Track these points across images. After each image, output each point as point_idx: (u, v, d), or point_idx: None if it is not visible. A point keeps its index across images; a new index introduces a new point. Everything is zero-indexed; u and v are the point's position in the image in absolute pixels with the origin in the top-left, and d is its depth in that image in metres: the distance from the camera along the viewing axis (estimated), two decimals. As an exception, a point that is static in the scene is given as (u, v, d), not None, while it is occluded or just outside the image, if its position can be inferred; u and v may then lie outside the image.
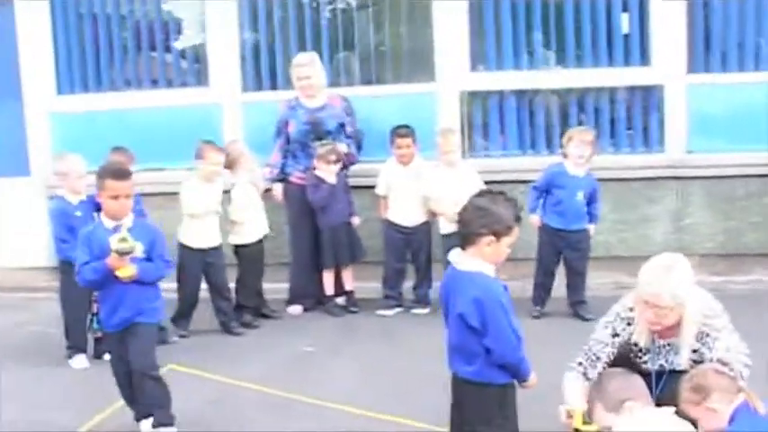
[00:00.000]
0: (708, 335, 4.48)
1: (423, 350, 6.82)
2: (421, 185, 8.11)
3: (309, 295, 8.36)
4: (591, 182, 7.81)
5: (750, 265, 9.06)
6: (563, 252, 7.84)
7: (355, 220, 8.34)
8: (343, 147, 8.19)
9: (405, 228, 8.24)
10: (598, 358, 4.60)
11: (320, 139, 8.16)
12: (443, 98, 9.29)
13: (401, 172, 8.21)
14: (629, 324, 4.59)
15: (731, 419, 4.11)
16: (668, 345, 4.58)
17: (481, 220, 4.05)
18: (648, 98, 9.25)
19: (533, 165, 8.90)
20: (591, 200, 7.81)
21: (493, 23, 9.26)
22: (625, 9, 9.14)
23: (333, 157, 8.04)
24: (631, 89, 9.25)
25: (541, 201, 7.83)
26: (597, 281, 8.63)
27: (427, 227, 8.28)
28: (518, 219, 4.11)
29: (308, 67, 8.34)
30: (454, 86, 9.27)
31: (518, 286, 7.50)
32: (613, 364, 4.64)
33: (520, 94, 9.35)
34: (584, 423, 4.38)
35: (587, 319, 7.32)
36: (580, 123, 9.16)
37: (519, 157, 9.36)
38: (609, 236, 9.16)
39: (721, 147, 9.03)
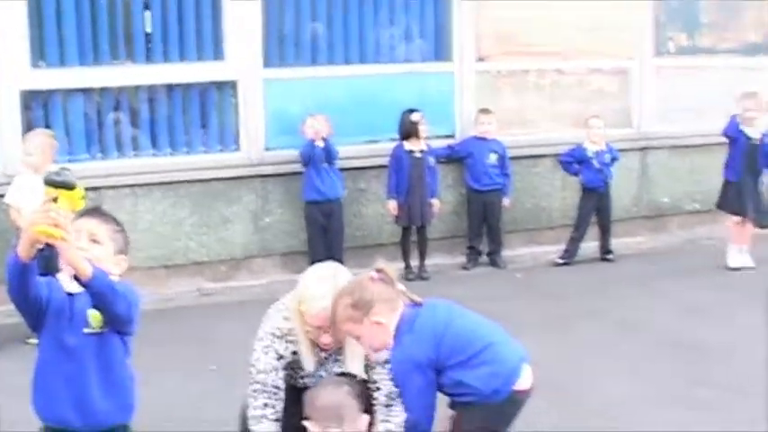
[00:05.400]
0: None
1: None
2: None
3: None
4: None
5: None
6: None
7: None
8: None
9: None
10: (278, 387, 4.11)
11: None
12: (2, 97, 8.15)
13: None
14: (289, 342, 4.13)
15: (397, 330, 3.89)
16: (331, 355, 4.19)
17: None
18: (223, 94, 8.92)
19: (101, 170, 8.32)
20: None
21: (54, 16, 8.30)
22: (147, 7, 8.58)
23: None
24: (205, 85, 8.84)
25: None
26: (176, 289, 8.51)
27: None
28: None
29: None
30: (13, 85, 8.18)
31: None
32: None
33: (86, 92, 8.52)
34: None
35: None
36: (152, 123, 8.67)
37: (87, 161, 8.51)
38: (188, 240, 8.73)
39: (298, 142, 8.94)
